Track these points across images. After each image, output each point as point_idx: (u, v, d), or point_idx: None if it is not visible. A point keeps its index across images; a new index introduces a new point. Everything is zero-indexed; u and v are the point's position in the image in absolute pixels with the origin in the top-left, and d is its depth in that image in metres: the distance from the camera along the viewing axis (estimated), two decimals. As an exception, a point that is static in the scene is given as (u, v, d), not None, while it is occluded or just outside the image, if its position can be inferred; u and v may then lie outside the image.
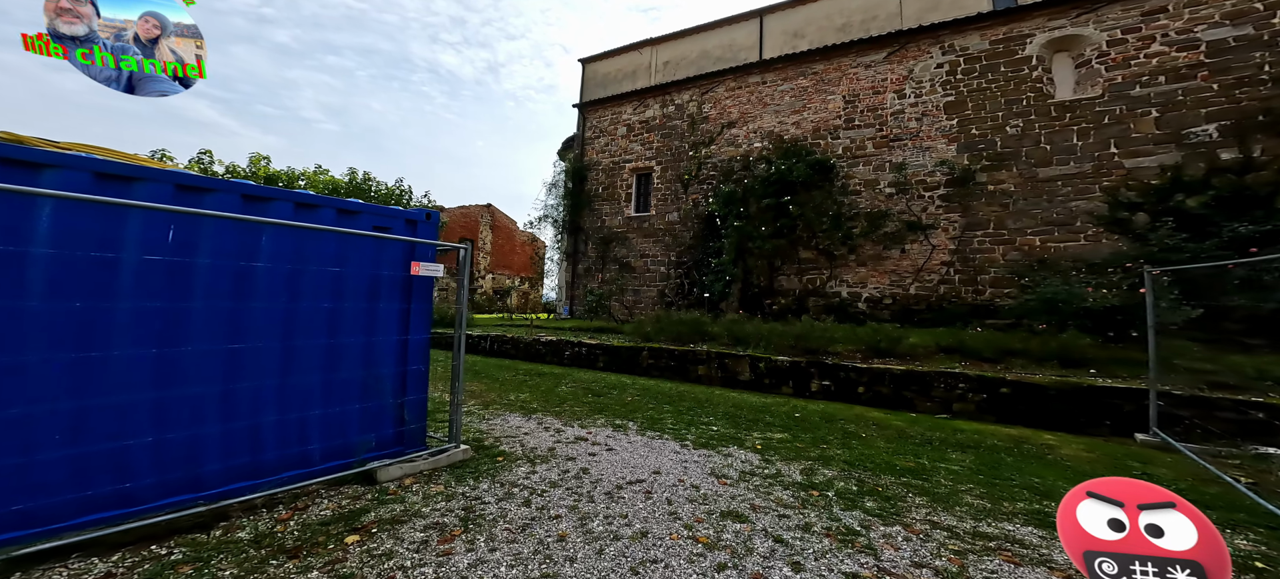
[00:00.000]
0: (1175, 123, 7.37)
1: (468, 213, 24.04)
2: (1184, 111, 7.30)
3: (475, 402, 5.47)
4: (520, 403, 5.53)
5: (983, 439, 4.20)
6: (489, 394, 5.95)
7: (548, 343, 9.23)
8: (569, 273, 16.56)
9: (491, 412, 5.08)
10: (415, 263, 3.06)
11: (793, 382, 6.38)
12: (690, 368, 7.46)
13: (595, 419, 4.94)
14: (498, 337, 10.00)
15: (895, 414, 5.25)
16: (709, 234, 12.37)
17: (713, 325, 8.35)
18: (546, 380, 7.17)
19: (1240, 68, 6.89)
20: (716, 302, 11.39)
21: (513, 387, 6.59)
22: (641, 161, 15.63)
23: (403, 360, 3.08)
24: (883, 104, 10.84)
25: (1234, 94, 6.90)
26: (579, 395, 6.14)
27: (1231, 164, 6.76)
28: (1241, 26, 6.90)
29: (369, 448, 2.89)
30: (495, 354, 9.89)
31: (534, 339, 9.39)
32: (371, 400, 2.90)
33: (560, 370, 8.15)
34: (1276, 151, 6.48)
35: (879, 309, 10.23)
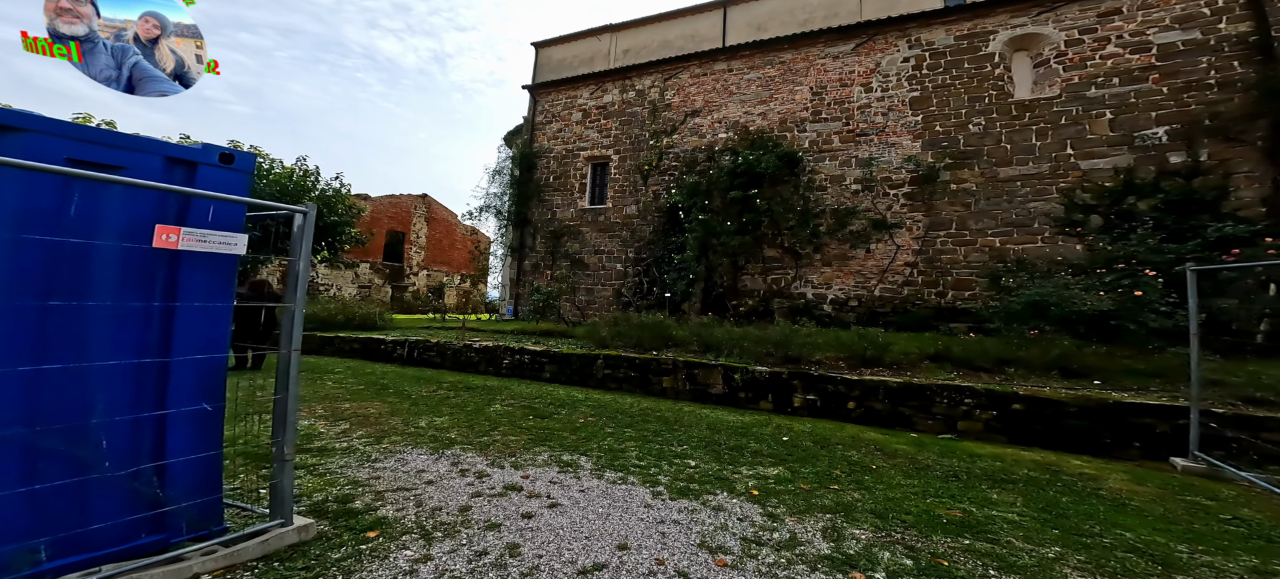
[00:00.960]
0: (1128, 125, 7.49)
1: (398, 202, 21.42)
2: (1136, 114, 7.44)
3: (364, 434, 4.02)
4: (433, 432, 4.15)
5: (1009, 468, 3.51)
6: (388, 421, 4.48)
7: (482, 350, 7.76)
8: (514, 269, 14.95)
9: (385, 447, 3.67)
10: (171, 229, 1.66)
11: (773, 395, 5.52)
12: (654, 380, 6.40)
13: (536, 454, 3.72)
14: (418, 342, 8.33)
15: (894, 434, 4.52)
16: (671, 229, 11.45)
17: (678, 329, 7.36)
18: (476, 397, 5.78)
19: (1189, 72, 7.10)
20: (679, 302, 10.47)
21: (428, 408, 5.15)
22: (598, 150, 14.45)
23: (155, 396, 1.67)
24: (850, 97, 10.51)
25: (1183, 98, 7.09)
26: (516, 418, 4.86)
27: (1180, 168, 6.91)
28: (1190, 30, 7.12)
29: (34, 562, 1.47)
30: (415, 363, 8.22)
31: (465, 345, 7.87)
32: (73, 470, 1.49)
33: (496, 383, 6.76)
34: (1222, 156, 6.67)
35: (844, 311, 9.83)
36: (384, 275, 21.51)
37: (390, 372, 7.33)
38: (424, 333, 9.52)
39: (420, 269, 22.34)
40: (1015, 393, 4.08)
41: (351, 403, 5.14)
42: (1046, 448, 3.88)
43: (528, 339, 8.74)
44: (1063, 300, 5.01)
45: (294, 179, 13.11)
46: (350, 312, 10.46)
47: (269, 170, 12.97)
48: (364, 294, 20.64)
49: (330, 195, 13.83)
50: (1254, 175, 6.37)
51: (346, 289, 20.35)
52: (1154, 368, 4.30)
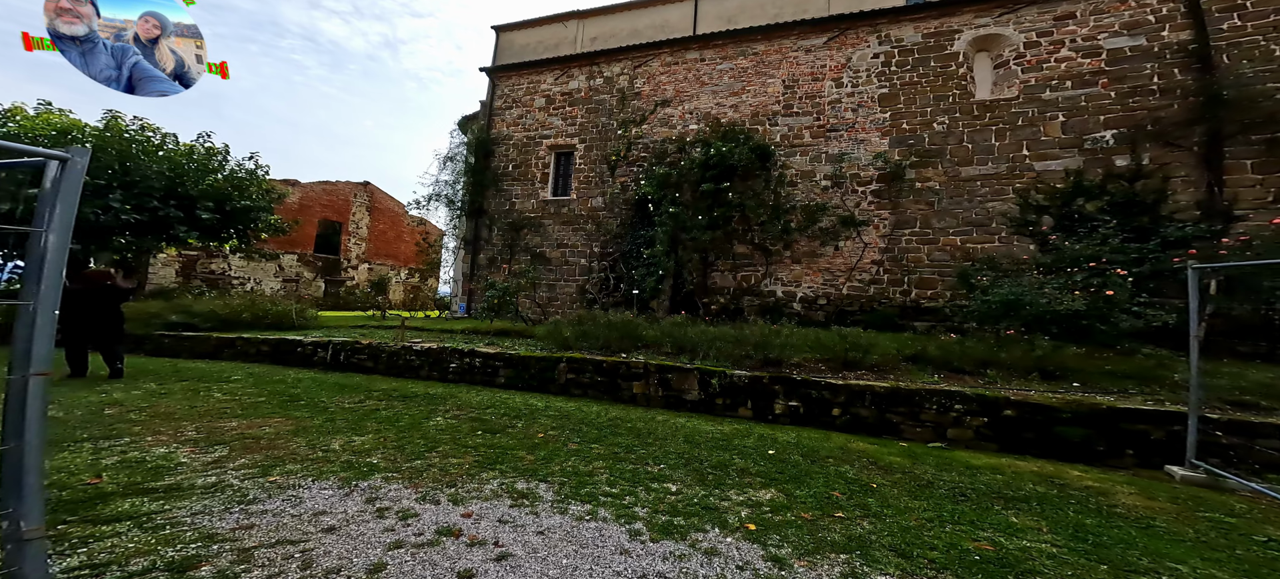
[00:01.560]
0: (1078, 128, 7.78)
1: (333, 190, 19.31)
2: (1086, 117, 7.74)
3: (247, 462, 3.14)
4: (348, 456, 3.35)
5: (1013, 483, 3.25)
6: (287, 443, 3.60)
7: (424, 352, 6.83)
8: (467, 263, 13.81)
9: (273, 481, 2.85)
10: None
11: (752, 402, 5.11)
12: (623, 385, 5.81)
13: (483, 481, 3.05)
14: (345, 344, 7.24)
15: (884, 444, 4.21)
16: (640, 222, 10.88)
17: (648, 329, 6.81)
18: (413, 409, 4.95)
19: (1134, 77, 7.44)
20: (647, 300, 9.94)
21: (348, 424, 4.28)
22: (562, 138, 13.62)
23: None
24: (821, 92, 10.39)
25: (1128, 103, 7.43)
26: (462, 434, 4.12)
27: (1125, 171, 7.22)
28: (1136, 37, 7.46)
29: None
30: (340, 368, 7.13)
31: (403, 346, 6.89)
32: None
33: (440, 390, 5.90)
34: (1162, 161, 7.03)
35: (813, 310, 9.71)
36: (316, 268, 19.37)
37: (307, 379, 6.24)
38: (355, 333, 8.35)
39: (360, 262, 20.31)
40: (1006, 398, 3.87)
41: (241, 421, 4.16)
42: (1039, 456, 3.70)
43: (480, 340, 7.87)
44: (1037, 300, 4.96)
45: (195, 158, 11.21)
46: (261, 309, 9.03)
47: (159, 146, 11.00)
48: (289, 289, 18.48)
49: (241, 177, 12.01)
50: (1190, 179, 6.77)
51: (268, 283, 18.13)
52: (1130, 370, 4.29)
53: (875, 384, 4.47)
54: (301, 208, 18.41)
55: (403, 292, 22.57)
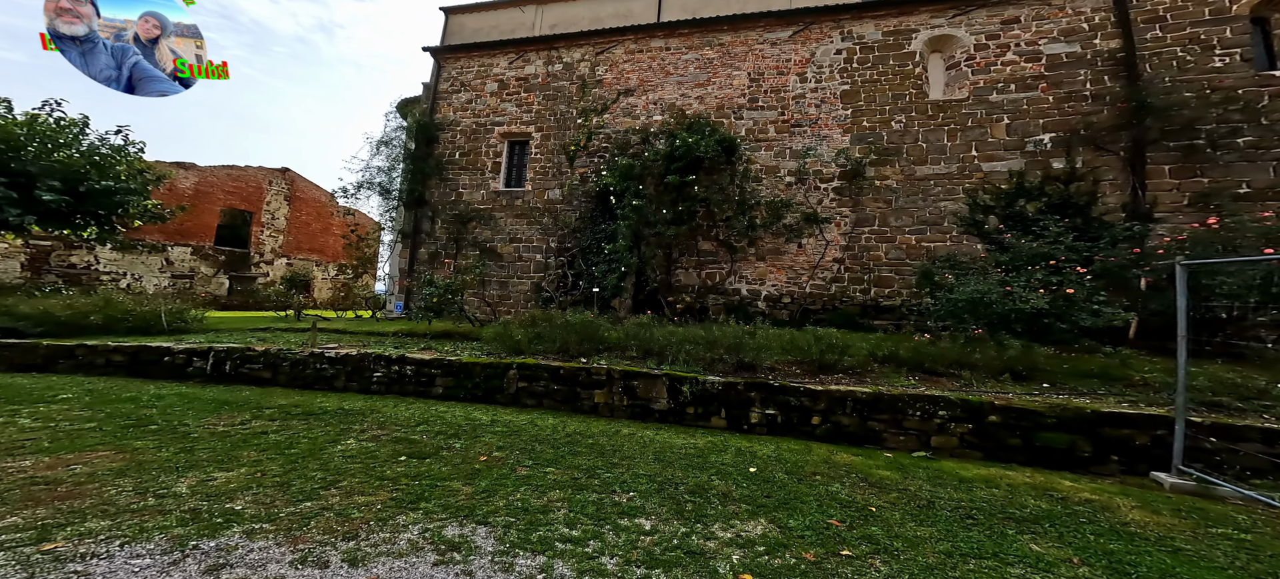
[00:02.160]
0: (1021, 130, 8.13)
1: (242, 176, 16.81)
2: (1027, 120, 8.10)
3: (29, 519, 2.21)
4: (197, 501, 2.48)
5: (1012, 498, 3.00)
6: (105, 487, 2.67)
7: (340, 359, 5.78)
8: (406, 258, 12.47)
9: (56, 550, 1.97)
10: None
11: (726, 411, 4.67)
12: (583, 394, 5.18)
13: (398, 529, 2.35)
14: (233, 351, 6.00)
15: (869, 455, 3.90)
16: (600, 215, 10.21)
17: (610, 330, 6.20)
18: (317, 430, 4.04)
19: (1070, 83, 7.86)
20: (608, 299, 9.32)
21: (214, 455, 3.34)
22: (517, 126, 12.64)
23: None
24: (786, 86, 10.26)
25: (1064, 107, 7.84)
26: (378, 461, 3.33)
27: (1060, 174, 7.61)
28: (1072, 43, 7.89)
29: None
30: (226, 381, 5.90)
31: (312, 353, 5.80)
32: None
33: (359, 404, 4.96)
34: (1093, 164, 7.46)
35: (778, 308, 9.56)
36: (217, 263, 16.82)
37: (171, 397, 5.01)
38: (252, 337, 7.02)
39: (276, 257, 17.90)
40: (991, 403, 3.68)
41: (44, 457, 3.09)
42: (1025, 464, 3.52)
43: (415, 343, 6.88)
44: (1000, 299, 4.92)
45: (37, 129, 9.01)
46: (120, 310, 7.34)
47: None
48: (182, 286, 15.92)
49: (103, 154, 9.87)
50: (1117, 183, 7.24)
51: (152, 279, 15.49)
52: (1094, 368, 4.31)
53: (857, 390, 4.16)
54: (198, 194, 15.86)
55: (331, 290, 20.25)
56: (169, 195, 15.09)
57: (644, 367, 5.31)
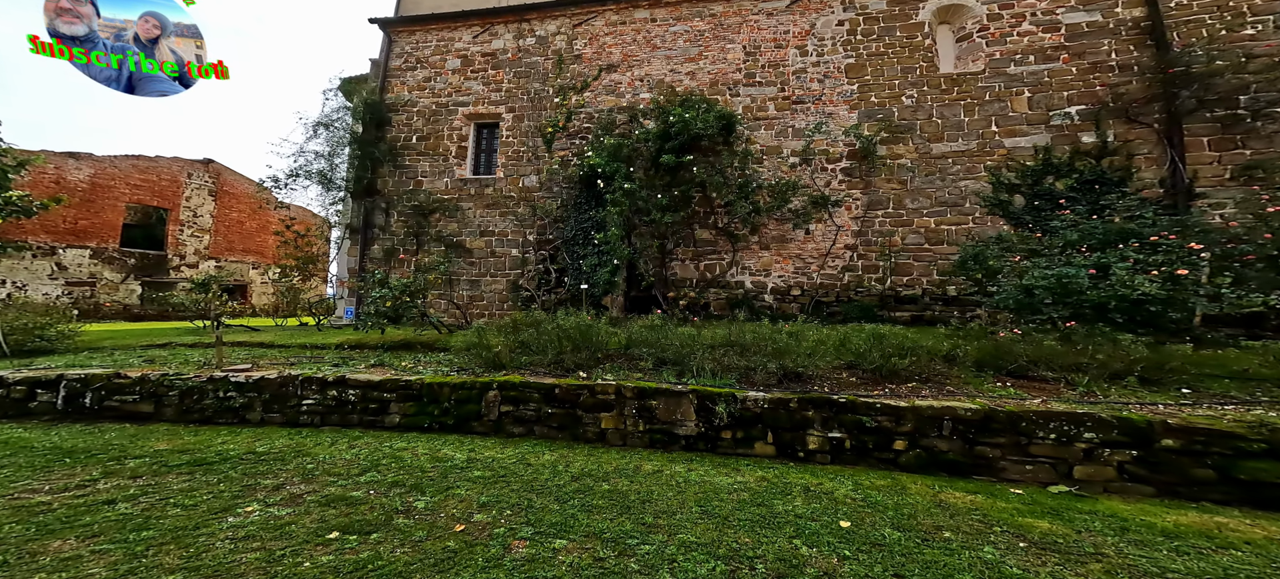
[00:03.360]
0: (1044, 104, 7.62)
1: (150, 168, 14.27)
2: (1051, 93, 7.59)
3: None
4: None
5: (1265, 567, 2.10)
6: None
7: (255, 384, 4.32)
8: (356, 257, 10.76)
9: None
10: None
11: (773, 434, 3.65)
12: (586, 419, 4.03)
13: None
14: (97, 378, 4.40)
15: (988, 490, 2.98)
16: (586, 202, 8.99)
17: (613, 335, 5.04)
18: (206, 491, 2.71)
19: (1093, 53, 7.40)
20: (599, 296, 8.13)
21: (7, 549, 1.91)
22: (485, 106, 11.20)
23: None
24: (785, 60, 9.41)
25: (1089, 79, 7.37)
26: (292, 546, 2.06)
27: (1091, 148, 7.13)
28: (1092, 12, 7.43)
29: None
30: (91, 417, 4.31)
31: (213, 378, 4.31)
32: None
33: (282, 443, 3.61)
34: (1126, 137, 7.01)
35: (786, 301, 8.70)
36: (126, 267, 14.25)
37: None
38: (139, 356, 5.34)
39: (202, 260, 15.41)
40: (1162, 422, 2.80)
41: None
42: (1225, 503, 2.61)
43: (365, 357, 5.44)
44: (1094, 283, 4.12)
45: None
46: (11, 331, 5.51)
47: None
48: (81, 295, 13.36)
49: None
50: (1152, 156, 6.83)
51: (38, 288, 12.87)
52: (1249, 368, 3.49)
53: (959, 406, 3.22)
54: (97, 189, 13.28)
55: (274, 295, 17.80)
56: (54, 189, 12.49)
57: (660, 380, 4.19)
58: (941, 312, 7.32)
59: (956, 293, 7.34)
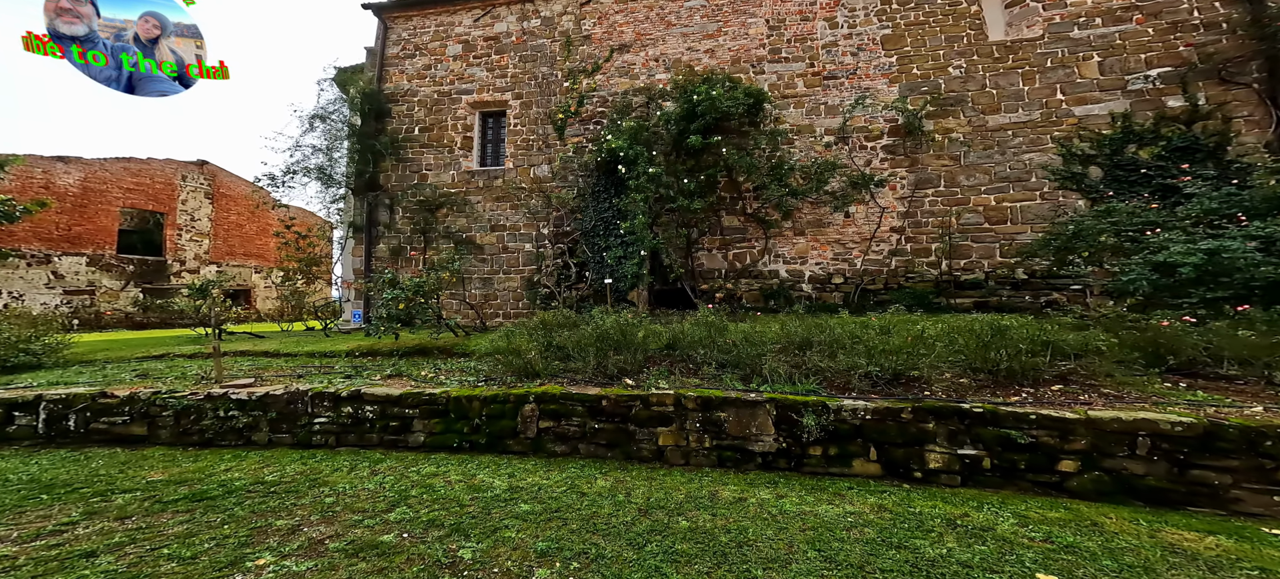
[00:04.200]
0: (1118, 68, 6.90)
1: (142, 170, 13.68)
2: (1125, 56, 6.88)
3: None
4: None
5: None
6: None
7: (259, 401, 3.70)
8: (361, 257, 10.17)
9: None
10: None
11: (877, 451, 2.98)
12: (640, 435, 3.40)
13: None
14: (80, 399, 3.79)
15: (1232, 532, 2.34)
16: (605, 190, 8.33)
17: (654, 332, 4.38)
18: (208, 534, 2.09)
19: (1171, 12, 6.69)
20: (625, 291, 7.48)
21: None
22: (490, 94, 10.56)
23: None
24: (813, 33, 8.70)
25: (1170, 39, 6.66)
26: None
27: (1179, 113, 6.41)
28: (1173, -32, 6.70)
29: None
30: (79, 442, 3.69)
31: (210, 396, 3.69)
32: None
33: (294, 470, 3.00)
34: (1220, 100, 6.29)
35: (827, 290, 8.03)
36: (124, 275, 13.71)
37: None
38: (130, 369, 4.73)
39: (203, 264, 14.85)
40: None
41: None
42: None
43: (378, 365, 4.82)
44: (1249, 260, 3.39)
45: None
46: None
47: None
48: (80, 303, 12.84)
49: None
50: (1253, 118, 6.12)
51: (36, 297, 12.35)
52: None
53: (1161, 418, 2.53)
54: (88, 193, 12.72)
55: (278, 299, 17.25)
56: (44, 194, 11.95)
57: (725, 387, 3.54)
58: (1010, 297, 6.63)
59: (1028, 275, 6.65)
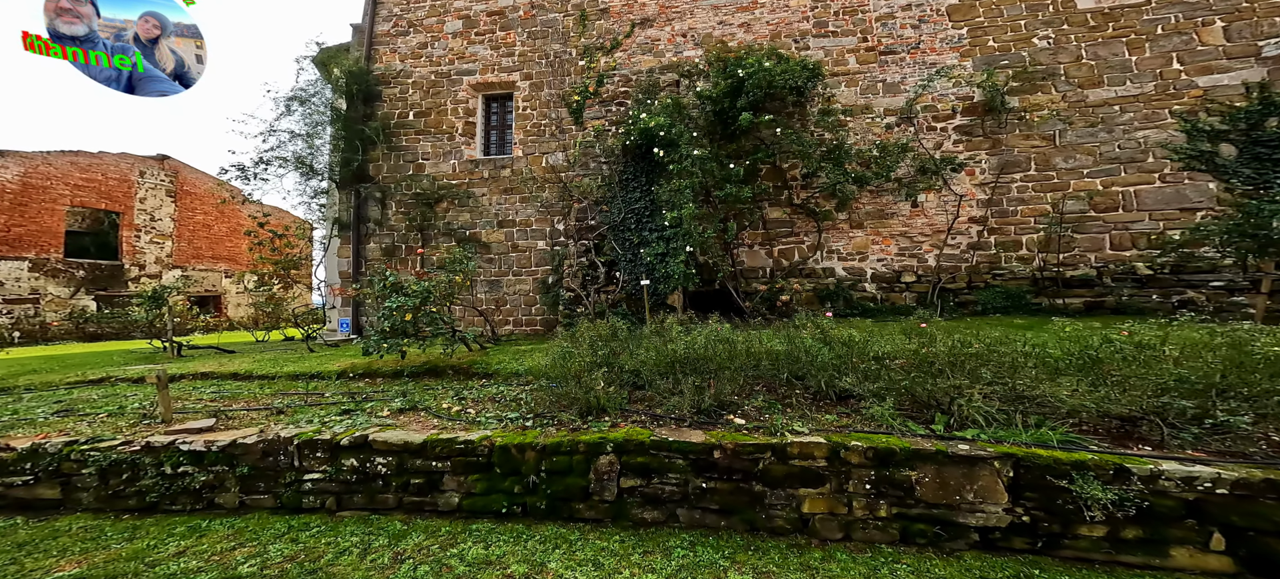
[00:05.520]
0: (1248, 32, 5.95)
1: (93, 165, 12.10)
2: (1256, 19, 5.92)
3: None
4: None
5: None
6: None
7: (225, 453, 2.40)
8: (349, 257, 8.83)
9: None
10: None
11: (1230, 538, 1.77)
12: (772, 500, 2.18)
13: None
14: None
15: None
16: (636, 177, 7.14)
17: (763, 349, 3.18)
18: None
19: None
20: (666, 293, 6.28)
21: None
22: (495, 74, 9.38)
23: None
24: (865, 5, 7.65)
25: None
26: None
27: (1325, 80, 5.47)
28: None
29: None
30: None
31: (151, 446, 2.37)
32: None
33: (279, 553, 1.65)
34: (1379, 63, 5.36)
35: (894, 290, 6.93)
36: (74, 281, 12.09)
37: None
38: (54, 400, 3.36)
39: (165, 268, 13.27)
40: None
41: None
42: None
43: (382, 391, 3.53)
44: None
45: None
46: None
47: None
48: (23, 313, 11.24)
49: None
50: None
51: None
52: None
53: None
54: (29, 190, 11.14)
55: (252, 306, 15.67)
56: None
57: (904, 431, 2.36)
58: (1132, 296, 5.60)
59: (1152, 271, 5.63)
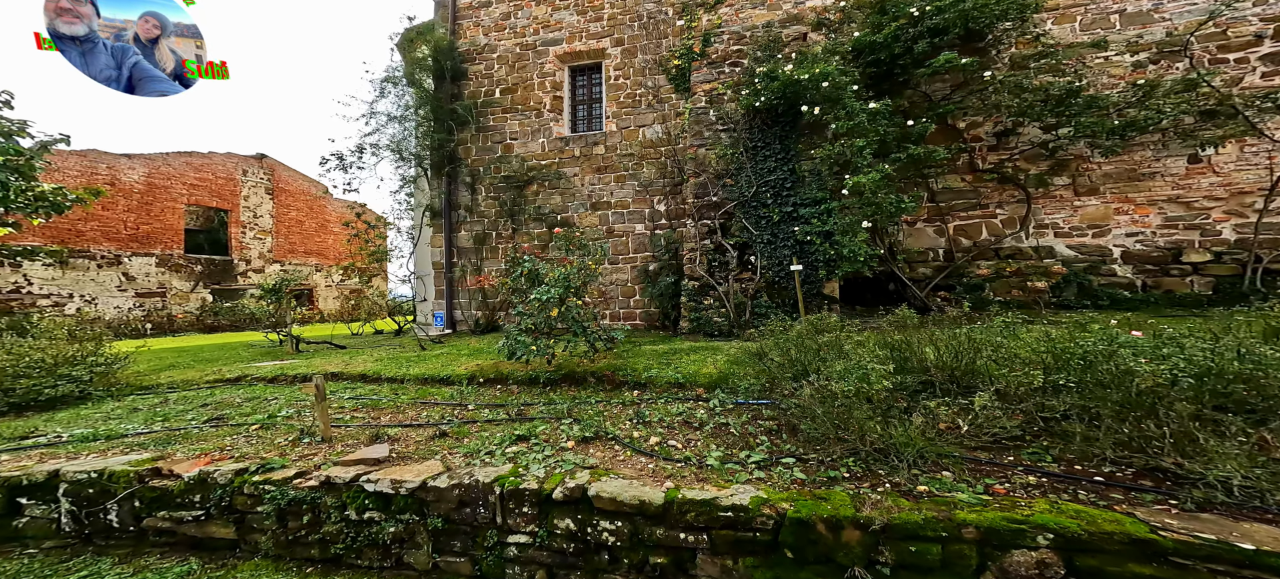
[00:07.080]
0: None
1: (204, 165, 12.75)
2: None
3: None
4: None
5: None
6: None
7: (415, 498, 1.56)
8: (442, 247, 8.25)
9: None
10: None
11: None
12: None
13: None
14: (140, 478, 1.84)
15: None
16: (770, 143, 5.70)
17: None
18: None
19: None
20: (821, 284, 4.83)
21: None
22: (581, 42, 8.41)
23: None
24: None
25: None
26: None
27: None
28: None
29: None
30: (136, 543, 1.57)
31: (331, 483, 1.42)
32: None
33: None
34: None
35: (1168, 273, 4.97)
36: (194, 275, 12.88)
37: None
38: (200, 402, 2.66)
39: (268, 263, 13.92)
40: None
41: None
42: None
43: (539, 405, 2.44)
44: None
45: None
46: None
47: None
48: (152, 306, 12.08)
49: None
50: None
51: (108, 300, 11.64)
52: None
53: None
54: (153, 189, 11.91)
55: (339, 299, 16.22)
56: (112, 193, 11.18)
57: None
58: None
59: None
